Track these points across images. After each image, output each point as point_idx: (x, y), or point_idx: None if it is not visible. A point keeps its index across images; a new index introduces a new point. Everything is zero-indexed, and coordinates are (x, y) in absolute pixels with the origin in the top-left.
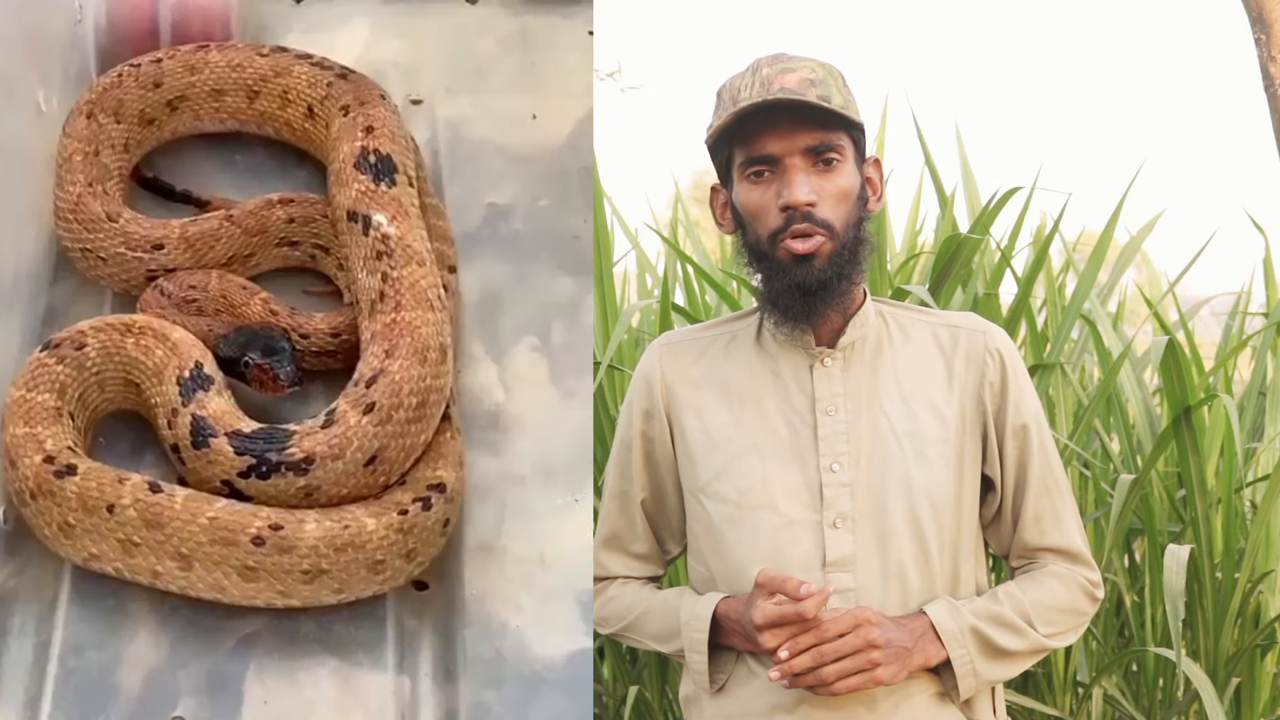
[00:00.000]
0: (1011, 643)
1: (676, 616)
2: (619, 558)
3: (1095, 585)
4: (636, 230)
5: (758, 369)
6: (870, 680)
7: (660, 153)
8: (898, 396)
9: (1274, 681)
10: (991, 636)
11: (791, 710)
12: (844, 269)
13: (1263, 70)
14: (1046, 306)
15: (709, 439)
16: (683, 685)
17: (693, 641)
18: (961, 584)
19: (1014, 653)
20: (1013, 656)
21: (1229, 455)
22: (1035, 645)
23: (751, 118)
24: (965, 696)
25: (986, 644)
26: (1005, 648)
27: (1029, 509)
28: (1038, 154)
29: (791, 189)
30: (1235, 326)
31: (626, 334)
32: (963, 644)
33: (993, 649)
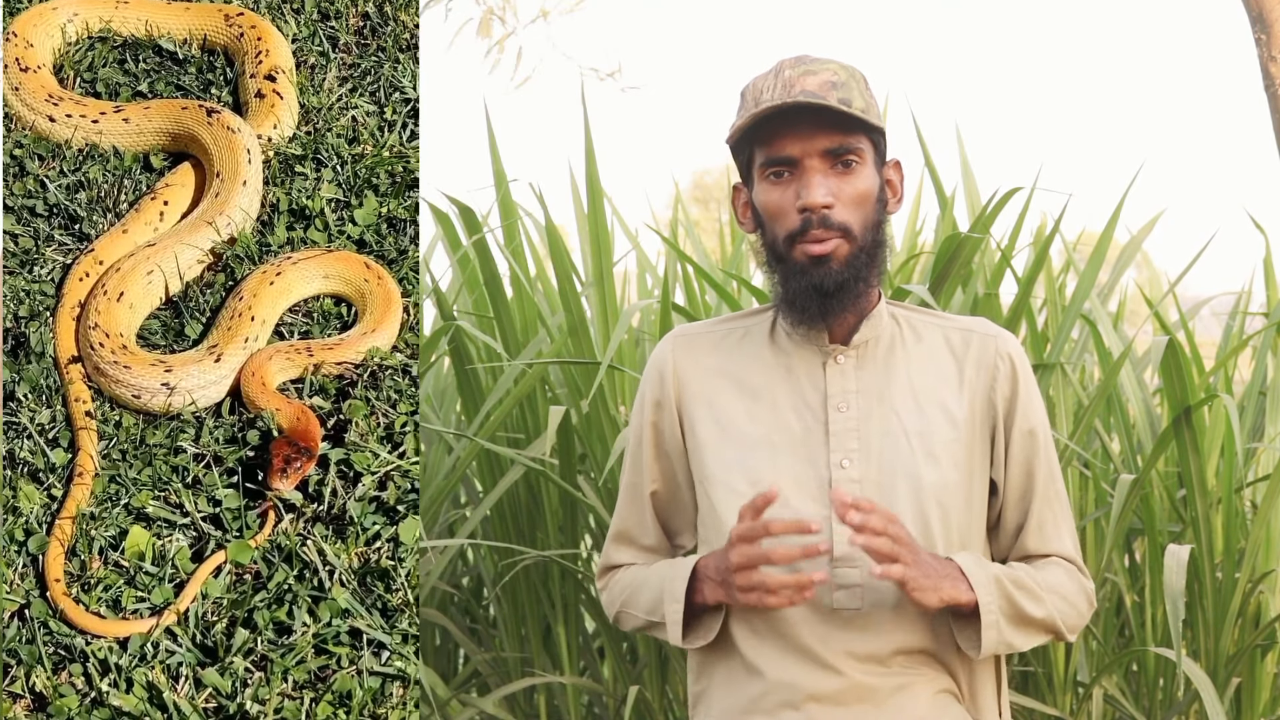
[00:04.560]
0: (1031, 608)
1: (660, 582)
2: (627, 550)
3: (1091, 593)
4: (636, 230)
5: (771, 364)
6: (892, 560)
7: (660, 153)
8: (909, 396)
9: (1274, 681)
10: (1013, 594)
11: (798, 707)
12: (861, 271)
13: (1263, 70)
14: (1047, 306)
15: (720, 430)
16: (691, 683)
17: (673, 592)
18: None
19: (1032, 619)
20: (1030, 623)
21: (1229, 455)
22: (1049, 619)
23: (772, 119)
24: (986, 653)
25: (1009, 600)
26: (1026, 610)
27: (1034, 515)
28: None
29: (809, 190)
30: (1235, 326)
31: (626, 334)
32: (990, 591)
33: (1015, 608)
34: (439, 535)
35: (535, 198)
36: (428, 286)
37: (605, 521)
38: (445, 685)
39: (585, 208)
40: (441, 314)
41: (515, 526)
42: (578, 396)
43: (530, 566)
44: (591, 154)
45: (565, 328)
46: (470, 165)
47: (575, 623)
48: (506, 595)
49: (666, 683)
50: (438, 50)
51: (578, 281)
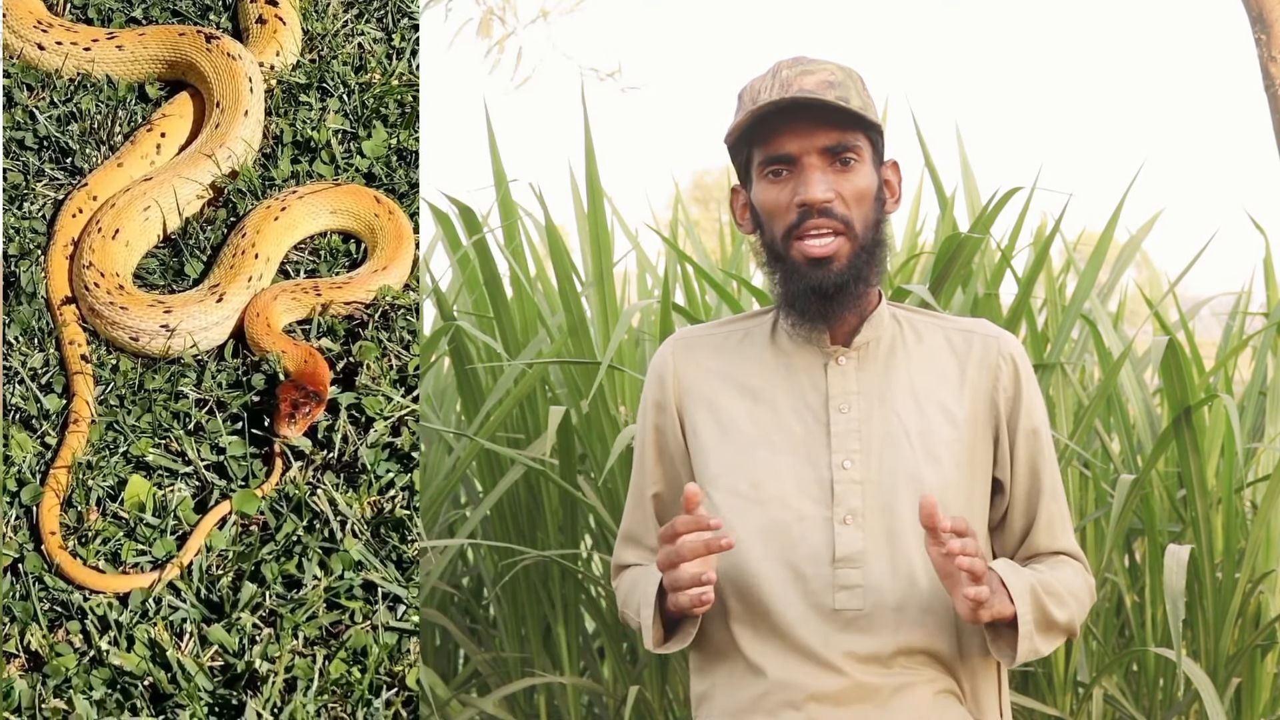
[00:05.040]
0: (1058, 613)
1: (643, 586)
2: (635, 551)
3: (1093, 586)
4: (636, 230)
5: (772, 365)
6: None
7: (660, 153)
8: (910, 397)
9: (1274, 681)
10: (1045, 602)
11: (799, 707)
12: (861, 271)
13: (1263, 70)
14: (1047, 306)
15: (721, 432)
16: (693, 683)
17: (647, 596)
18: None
19: (1057, 624)
20: (1055, 628)
21: (1229, 455)
22: (1070, 622)
23: (770, 118)
24: (1021, 660)
25: (1041, 609)
26: (1054, 617)
27: (1043, 513)
28: (1038, 154)
29: (808, 187)
30: (1235, 326)
31: (626, 334)
32: (1026, 602)
33: (1044, 615)
34: (439, 535)
35: (535, 198)
36: (428, 287)
37: (605, 521)
38: (445, 685)
39: (585, 208)
40: (441, 314)
41: (515, 526)
42: (578, 396)
43: (530, 566)
44: (591, 154)
45: (565, 328)
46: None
47: (575, 623)
48: (506, 595)
49: (666, 683)
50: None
51: (578, 281)
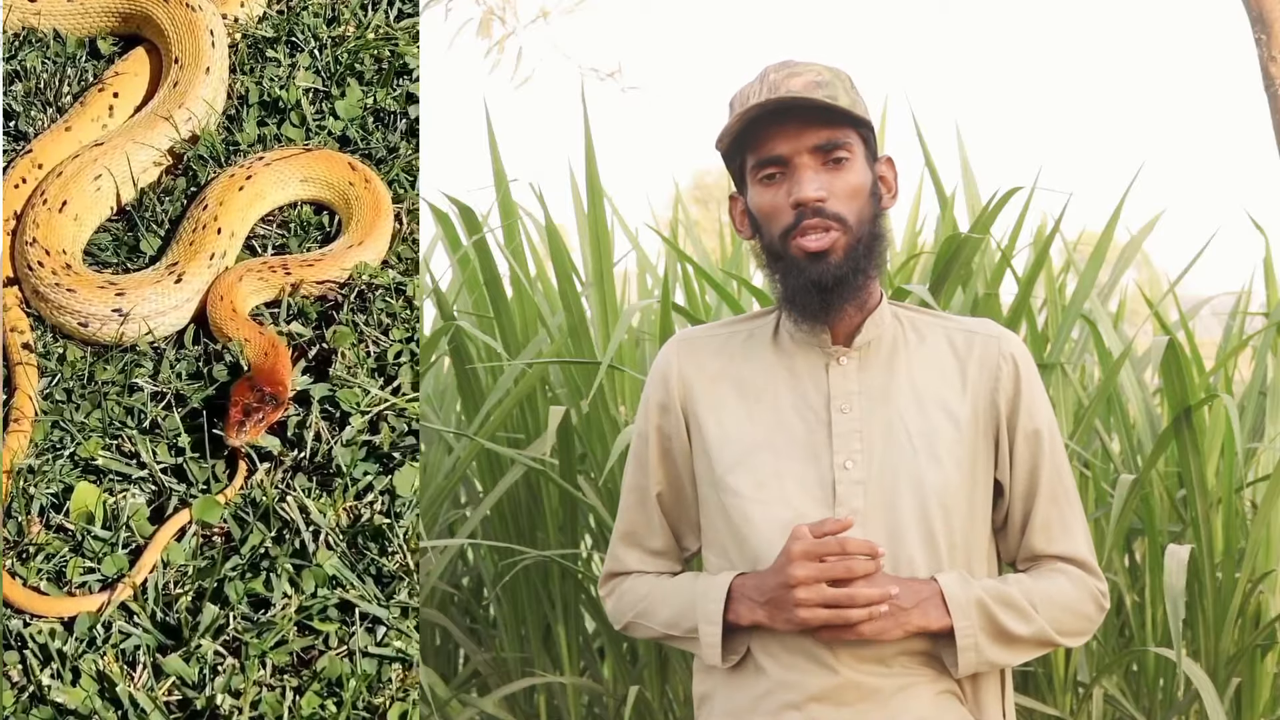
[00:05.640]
0: (1017, 626)
1: (688, 597)
2: (635, 553)
3: (1103, 594)
4: (636, 230)
5: (774, 366)
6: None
7: (660, 153)
8: (912, 397)
9: (1274, 681)
10: (998, 615)
11: (800, 707)
12: (859, 264)
13: (1263, 70)
14: (1047, 306)
15: (724, 433)
16: (696, 684)
17: (707, 614)
18: None
19: (1018, 637)
20: (1016, 641)
21: (1229, 455)
22: (1040, 634)
23: (760, 121)
24: (964, 673)
25: (992, 621)
26: (1010, 630)
27: (1038, 515)
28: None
29: (801, 186)
30: (1235, 326)
31: (626, 334)
32: (968, 615)
33: (998, 628)
34: (439, 535)
35: (535, 198)
36: (428, 287)
37: (605, 521)
38: (445, 685)
39: (585, 208)
40: (441, 314)
41: (515, 526)
42: (578, 396)
43: (530, 566)
44: (591, 154)
45: (565, 328)
46: (470, 165)
47: (575, 623)
48: (506, 595)
49: (666, 683)
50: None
51: (578, 281)
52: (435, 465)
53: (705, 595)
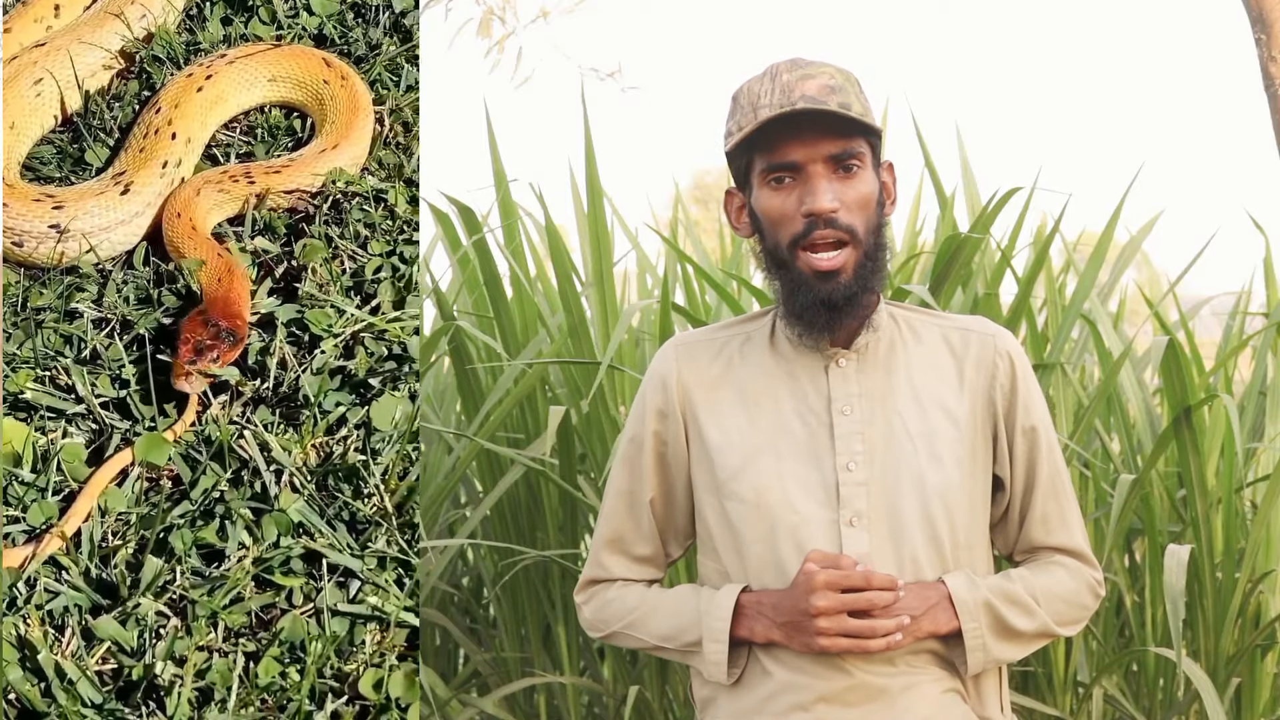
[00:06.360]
0: (1022, 622)
1: (687, 612)
2: (620, 559)
3: (1099, 583)
4: (636, 230)
5: (773, 370)
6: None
7: (660, 153)
8: (911, 397)
9: (1274, 681)
10: (1004, 613)
11: (808, 708)
12: (868, 281)
13: (1263, 70)
14: (1047, 306)
15: (726, 439)
16: (696, 687)
17: (713, 631)
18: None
19: (1022, 633)
20: (1020, 637)
21: (1229, 455)
22: (1043, 628)
23: (773, 125)
24: (974, 672)
25: (998, 620)
26: (1016, 627)
27: (1037, 509)
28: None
29: (815, 197)
30: (1235, 326)
31: (626, 334)
32: (976, 617)
33: (1004, 626)
34: (439, 535)
35: (535, 198)
36: (428, 286)
37: None
38: (445, 685)
39: (585, 208)
40: (441, 314)
41: (515, 526)
42: (578, 396)
43: (530, 566)
44: (591, 154)
45: (565, 328)
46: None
47: (575, 623)
48: (506, 595)
49: (666, 683)
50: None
51: (578, 281)
52: (435, 465)
53: (710, 613)
